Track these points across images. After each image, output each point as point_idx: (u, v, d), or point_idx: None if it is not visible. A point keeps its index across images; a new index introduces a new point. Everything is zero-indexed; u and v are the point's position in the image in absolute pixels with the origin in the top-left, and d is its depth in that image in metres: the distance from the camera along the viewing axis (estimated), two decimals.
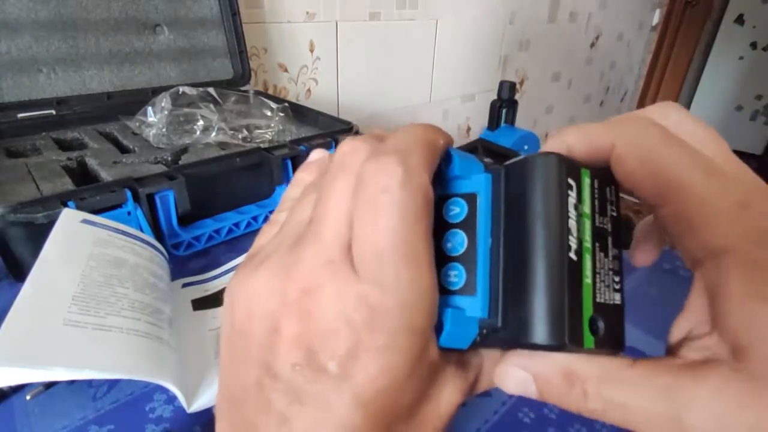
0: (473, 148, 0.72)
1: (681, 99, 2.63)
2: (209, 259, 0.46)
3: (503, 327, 0.14)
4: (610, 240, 0.15)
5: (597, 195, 0.15)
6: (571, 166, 0.14)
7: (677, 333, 0.15)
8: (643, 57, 2.33)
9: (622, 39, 2.05)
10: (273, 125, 0.60)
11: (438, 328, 0.14)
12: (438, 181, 0.16)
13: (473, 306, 0.15)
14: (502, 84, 1.05)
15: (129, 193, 0.40)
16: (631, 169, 0.14)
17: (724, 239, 0.13)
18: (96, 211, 0.37)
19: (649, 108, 0.16)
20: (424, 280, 0.13)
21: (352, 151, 0.15)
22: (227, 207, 0.49)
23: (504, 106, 1.06)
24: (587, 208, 0.14)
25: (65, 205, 0.37)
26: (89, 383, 0.31)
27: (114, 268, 0.32)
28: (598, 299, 0.14)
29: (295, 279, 0.14)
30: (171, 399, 0.30)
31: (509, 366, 0.15)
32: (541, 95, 1.75)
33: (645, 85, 2.42)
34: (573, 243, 0.13)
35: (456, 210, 0.16)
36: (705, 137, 0.15)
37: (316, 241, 0.14)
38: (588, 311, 0.13)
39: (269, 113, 0.61)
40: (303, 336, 0.13)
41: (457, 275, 0.15)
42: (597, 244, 0.14)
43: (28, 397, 0.30)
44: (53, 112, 0.58)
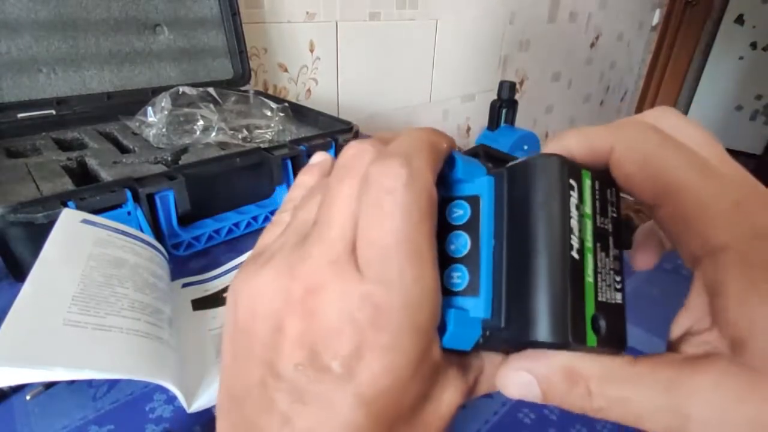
0: (475, 153, 0.72)
1: (681, 99, 2.63)
2: (209, 259, 0.46)
3: (506, 327, 0.14)
4: (611, 240, 0.15)
5: (598, 196, 0.15)
6: (573, 167, 0.14)
7: (677, 330, 0.15)
8: (643, 57, 2.33)
9: (622, 39, 2.05)
10: (273, 125, 0.60)
11: (441, 329, 0.14)
12: (441, 184, 0.16)
13: (476, 307, 0.15)
14: (502, 84, 1.06)
15: (129, 193, 0.40)
16: (630, 172, 0.15)
17: (721, 237, 0.13)
18: (96, 211, 0.37)
19: (647, 112, 0.17)
20: (427, 279, 0.13)
21: (357, 154, 0.15)
22: (227, 207, 0.49)
23: (504, 106, 1.06)
24: (588, 208, 0.14)
25: (65, 205, 0.36)
26: (89, 383, 0.31)
27: (114, 268, 0.32)
28: (600, 298, 0.14)
29: (300, 278, 0.14)
30: (171, 399, 0.30)
31: (511, 370, 0.15)
32: (541, 95, 1.75)
33: (645, 85, 2.42)
34: (575, 242, 0.14)
35: (459, 212, 0.16)
36: (701, 140, 0.15)
37: (320, 242, 0.14)
38: (590, 310, 0.13)
39: (269, 113, 0.61)
40: (306, 335, 0.13)
41: (461, 276, 0.15)
42: (598, 244, 0.14)
43: (28, 397, 0.30)
44: (53, 112, 0.58)
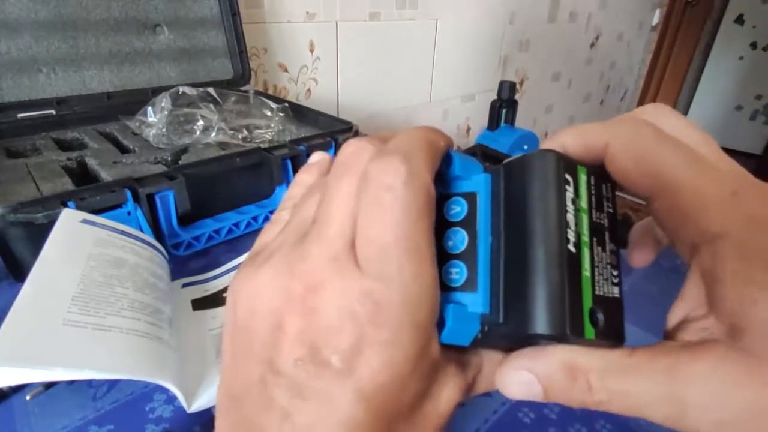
0: (472, 153, 0.73)
1: (681, 99, 2.63)
2: (209, 259, 0.46)
3: (504, 322, 0.14)
4: (607, 235, 0.15)
5: (593, 191, 0.15)
6: (568, 162, 0.14)
7: (673, 319, 0.15)
8: (643, 57, 2.33)
9: (622, 39, 2.05)
10: (273, 125, 0.60)
11: (440, 324, 0.14)
12: (439, 182, 0.16)
13: (475, 301, 0.15)
14: (502, 84, 1.05)
15: (129, 193, 0.40)
16: (626, 167, 0.15)
17: (718, 225, 0.13)
18: (96, 211, 0.37)
19: (642, 109, 0.17)
20: (426, 276, 0.13)
21: (356, 152, 0.15)
22: (227, 207, 0.49)
23: (504, 106, 1.06)
24: (584, 203, 0.14)
25: (65, 205, 0.37)
26: (89, 383, 0.31)
27: (114, 268, 0.32)
28: (597, 292, 0.14)
29: (300, 276, 0.14)
30: (171, 399, 0.30)
31: (510, 369, 0.15)
32: (541, 95, 1.75)
33: (645, 85, 2.42)
34: (571, 236, 0.14)
35: (456, 209, 0.16)
36: (696, 137, 0.15)
37: (320, 239, 0.14)
38: (588, 303, 0.13)
39: (269, 113, 0.61)
40: (306, 332, 0.13)
41: (459, 272, 0.15)
42: (594, 238, 0.14)
43: (28, 397, 0.30)
44: (53, 112, 0.58)
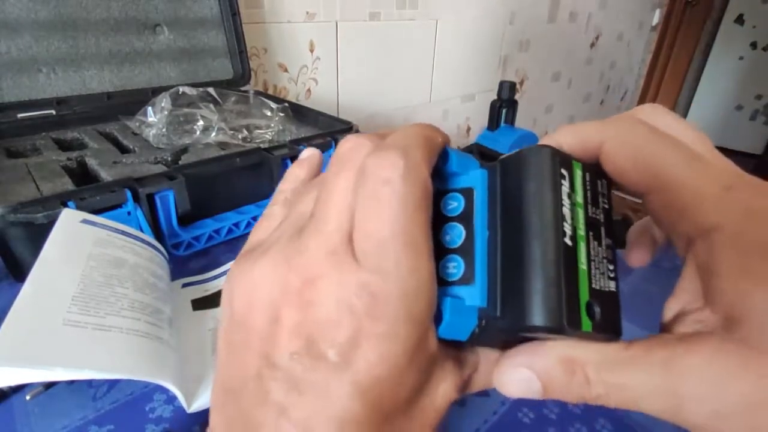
0: (469, 151, 0.74)
1: (681, 99, 2.63)
2: (209, 259, 0.46)
3: (502, 315, 0.14)
4: (603, 230, 0.15)
5: (589, 187, 0.15)
6: (564, 157, 0.15)
7: (669, 313, 0.15)
8: (643, 57, 2.33)
9: (622, 39, 2.05)
10: (273, 125, 0.60)
11: (437, 318, 0.14)
12: (436, 178, 0.16)
13: (472, 295, 0.15)
14: (502, 84, 1.05)
15: (129, 193, 0.40)
16: (621, 164, 0.15)
17: (713, 218, 0.13)
18: (96, 211, 0.37)
19: (638, 109, 0.17)
20: (423, 269, 0.13)
21: (354, 147, 0.15)
22: (227, 207, 0.49)
23: (504, 106, 1.06)
24: (580, 198, 0.15)
25: (65, 205, 0.37)
26: (89, 383, 0.31)
27: (114, 268, 0.32)
28: (593, 285, 0.14)
29: (297, 269, 0.14)
30: (171, 399, 0.30)
31: (508, 367, 0.15)
32: (541, 95, 1.75)
33: (645, 85, 2.42)
34: (567, 229, 0.14)
35: (453, 204, 0.16)
36: (691, 135, 0.15)
37: (317, 233, 0.14)
38: (584, 296, 0.13)
39: (269, 113, 0.61)
40: (303, 325, 0.13)
41: (456, 266, 0.15)
42: (590, 233, 0.14)
43: (28, 397, 0.30)
44: (53, 112, 0.58)
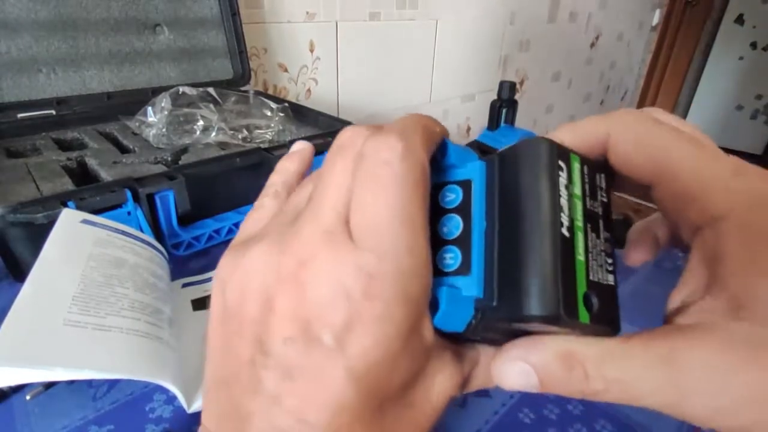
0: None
1: (681, 99, 2.63)
2: (209, 259, 0.46)
3: (498, 305, 0.14)
4: (601, 223, 0.15)
5: (587, 180, 0.15)
6: (561, 149, 0.15)
7: (672, 304, 0.15)
8: (643, 57, 2.33)
9: (622, 39, 2.05)
10: (273, 125, 0.60)
11: (434, 309, 0.14)
12: (434, 171, 0.16)
13: (469, 285, 0.15)
14: (502, 84, 1.05)
15: (129, 193, 0.40)
16: (627, 154, 0.15)
17: (721, 206, 0.13)
18: (96, 211, 0.37)
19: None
20: (420, 248, 0.13)
21: (352, 135, 0.15)
22: (227, 207, 0.49)
23: (504, 106, 1.06)
24: (578, 190, 0.15)
25: (65, 205, 0.36)
26: (89, 383, 0.31)
27: (114, 268, 0.32)
28: (591, 277, 0.14)
29: (291, 251, 0.13)
30: (171, 399, 0.30)
31: (506, 360, 0.14)
32: (541, 95, 1.75)
33: (645, 85, 2.42)
34: (565, 220, 0.14)
35: (451, 196, 0.16)
36: (694, 132, 0.15)
37: (313, 216, 0.14)
38: (582, 287, 0.13)
39: (269, 113, 0.61)
40: (298, 308, 0.13)
41: (453, 257, 0.15)
42: (588, 225, 0.14)
43: (28, 397, 0.30)
44: (53, 112, 0.58)
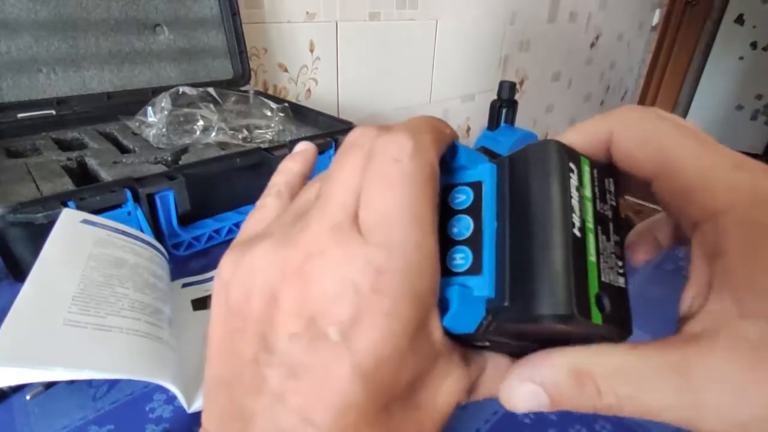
0: None
1: (681, 99, 2.63)
2: (209, 259, 0.46)
3: (510, 305, 0.14)
4: (611, 226, 0.15)
5: (597, 183, 0.15)
6: (572, 152, 0.15)
7: (683, 305, 0.14)
8: (643, 57, 2.33)
9: (622, 39, 2.05)
10: (273, 125, 0.60)
11: (444, 309, 0.14)
12: (443, 172, 0.16)
13: (480, 285, 0.14)
14: (502, 84, 1.06)
15: (129, 193, 0.40)
16: (630, 150, 0.15)
17: (721, 200, 0.13)
18: (96, 211, 0.37)
19: None
20: (428, 245, 0.13)
21: (362, 134, 0.15)
22: (227, 207, 0.49)
23: (504, 106, 1.06)
24: (588, 192, 0.14)
25: (65, 205, 0.36)
26: (89, 383, 0.31)
27: (114, 268, 0.32)
28: (603, 278, 0.14)
29: (298, 246, 0.13)
30: (171, 399, 0.30)
31: (514, 381, 0.14)
32: (541, 95, 1.75)
33: (645, 85, 2.42)
34: (576, 221, 0.13)
35: (462, 198, 0.16)
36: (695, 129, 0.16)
37: (321, 213, 0.14)
38: (594, 288, 0.13)
39: (269, 113, 0.61)
40: (303, 303, 0.13)
41: (464, 257, 0.15)
42: (599, 227, 0.14)
43: (28, 397, 0.30)
44: (53, 112, 0.58)
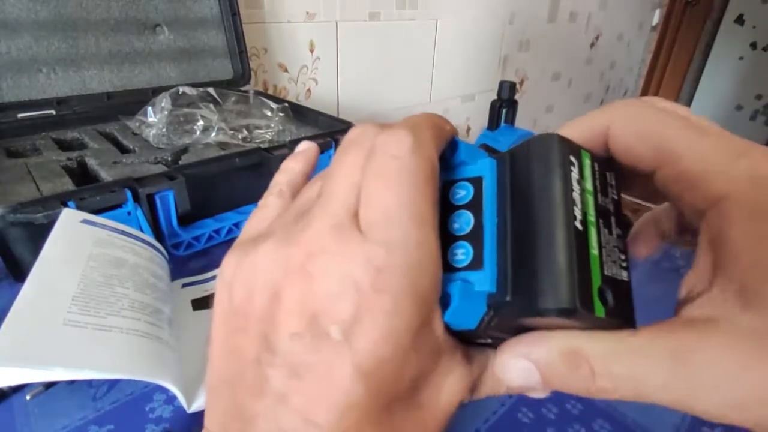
0: None
1: (681, 99, 2.63)
2: (209, 259, 0.46)
3: (512, 300, 0.13)
4: (613, 219, 0.15)
5: (598, 176, 0.15)
6: (572, 145, 0.14)
7: (684, 289, 0.14)
8: (643, 57, 2.33)
9: (622, 39, 2.05)
10: (273, 125, 0.60)
11: (445, 305, 0.14)
12: (444, 168, 0.16)
13: (482, 280, 0.14)
14: (502, 84, 1.05)
15: (129, 193, 0.40)
16: (629, 142, 0.15)
17: (724, 187, 0.13)
18: (96, 211, 0.37)
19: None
20: (430, 242, 0.13)
21: (362, 132, 0.15)
22: (227, 207, 0.49)
23: (504, 106, 1.06)
24: (589, 185, 0.14)
25: (65, 205, 0.37)
26: (89, 383, 0.31)
27: (114, 268, 0.32)
28: (606, 272, 0.13)
29: (300, 244, 0.13)
30: (171, 399, 0.30)
31: (509, 357, 0.14)
32: (541, 95, 1.75)
33: (645, 85, 2.42)
34: (578, 214, 0.13)
35: (462, 193, 0.16)
36: (694, 116, 0.15)
37: (322, 211, 0.14)
38: (597, 281, 0.13)
39: (269, 113, 0.61)
40: (305, 302, 0.13)
41: (465, 252, 0.15)
42: (601, 220, 0.14)
43: (28, 397, 0.30)
44: (53, 112, 0.58)
